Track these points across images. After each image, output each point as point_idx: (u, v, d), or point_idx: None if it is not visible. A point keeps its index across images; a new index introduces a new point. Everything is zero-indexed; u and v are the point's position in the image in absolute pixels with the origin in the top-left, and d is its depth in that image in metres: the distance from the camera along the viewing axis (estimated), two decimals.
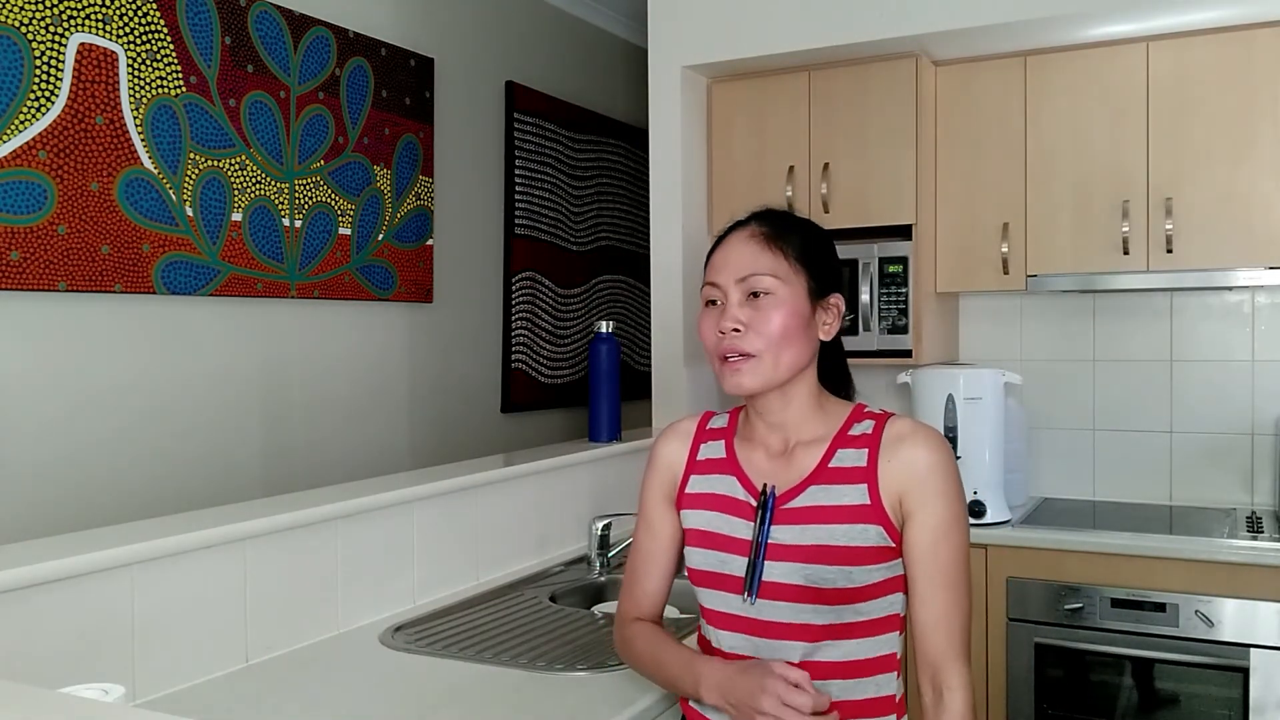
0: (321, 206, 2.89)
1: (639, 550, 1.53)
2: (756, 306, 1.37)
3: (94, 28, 2.29)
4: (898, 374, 2.98)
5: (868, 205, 2.92)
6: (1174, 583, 2.43)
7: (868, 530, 1.33)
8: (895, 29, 2.77)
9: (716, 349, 1.39)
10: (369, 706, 1.50)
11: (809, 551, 1.33)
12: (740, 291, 1.37)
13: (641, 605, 1.51)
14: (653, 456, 1.53)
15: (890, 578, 1.35)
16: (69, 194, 2.25)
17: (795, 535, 1.34)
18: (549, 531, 2.40)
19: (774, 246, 1.39)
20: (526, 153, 3.75)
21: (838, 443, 1.39)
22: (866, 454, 1.36)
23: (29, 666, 1.35)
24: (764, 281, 1.37)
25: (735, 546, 1.38)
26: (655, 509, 1.51)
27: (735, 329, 1.36)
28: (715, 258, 1.42)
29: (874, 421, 1.40)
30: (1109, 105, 2.77)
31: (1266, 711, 2.34)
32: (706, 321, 1.41)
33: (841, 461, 1.37)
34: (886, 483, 1.34)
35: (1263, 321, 2.88)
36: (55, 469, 2.27)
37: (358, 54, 3.01)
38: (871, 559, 1.32)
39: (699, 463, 1.48)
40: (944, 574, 1.32)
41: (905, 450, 1.35)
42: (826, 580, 1.32)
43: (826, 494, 1.35)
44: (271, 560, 1.71)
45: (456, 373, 3.48)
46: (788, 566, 1.33)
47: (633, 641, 1.48)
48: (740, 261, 1.38)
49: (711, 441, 1.49)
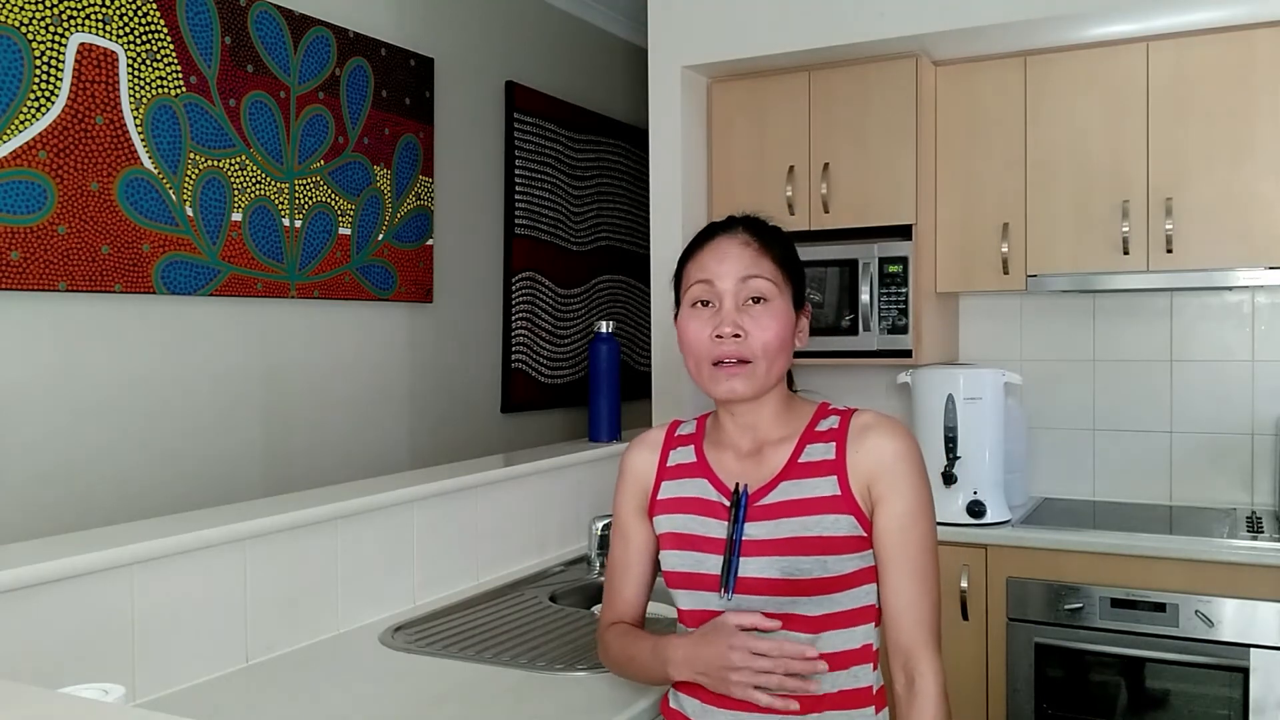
0: (321, 206, 2.89)
1: (614, 560, 1.53)
2: (754, 314, 1.37)
3: (94, 28, 2.30)
4: (898, 374, 2.98)
5: (868, 205, 2.92)
6: (1174, 583, 2.43)
7: (840, 520, 1.34)
8: (895, 29, 2.77)
9: (711, 353, 1.38)
10: (369, 706, 1.50)
11: (784, 544, 1.34)
12: (738, 296, 1.38)
13: (621, 614, 1.52)
14: (622, 468, 1.54)
15: (864, 568, 1.36)
16: (69, 194, 2.25)
17: (769, 530, 1.35)
18: (549, 531, 2.40)
19: (767, 254, 1.40)
20: (526, 153, 3.75)
21: (806, 438, 1.41)
22: (834, 446, 1.38)
23: (29, 666, 1.35)
24: (765, 287, 1.38)
25: (710, 546, 1.38)
26: (628, 519, 1.52)
27: (736, 334, 1.36)
28: (706, 259, 1.41)
29: (839, 417, 1.42)
30: (1109, 105, 2.77)
31: (1266, 711, 2.34)
32: (695, 323, 1.40)
33: (811, 456, 1.39)
34: (855, 473, 1.36)
35: (1263, 321, 2.88)
36: (55, 469, 2.27)
37: (358, 54, 3.01)
38: (845, 548, 1.34)
39: (669, 469, 1.48)
40: (912, 561, 1.34)
41: (871, 440, 1.37)
42: (802, 571, 1.32)
43: (798, 488, 1.37)
44: (271, 560, 1.71)
45: (456, 373, 3.48)
46: (763, 561, 1.34)
47: (609, 646, 1.49)
48: (740, 265, 1.38)
49: (680, 447, 1.50)
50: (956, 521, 2.67)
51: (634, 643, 1.45)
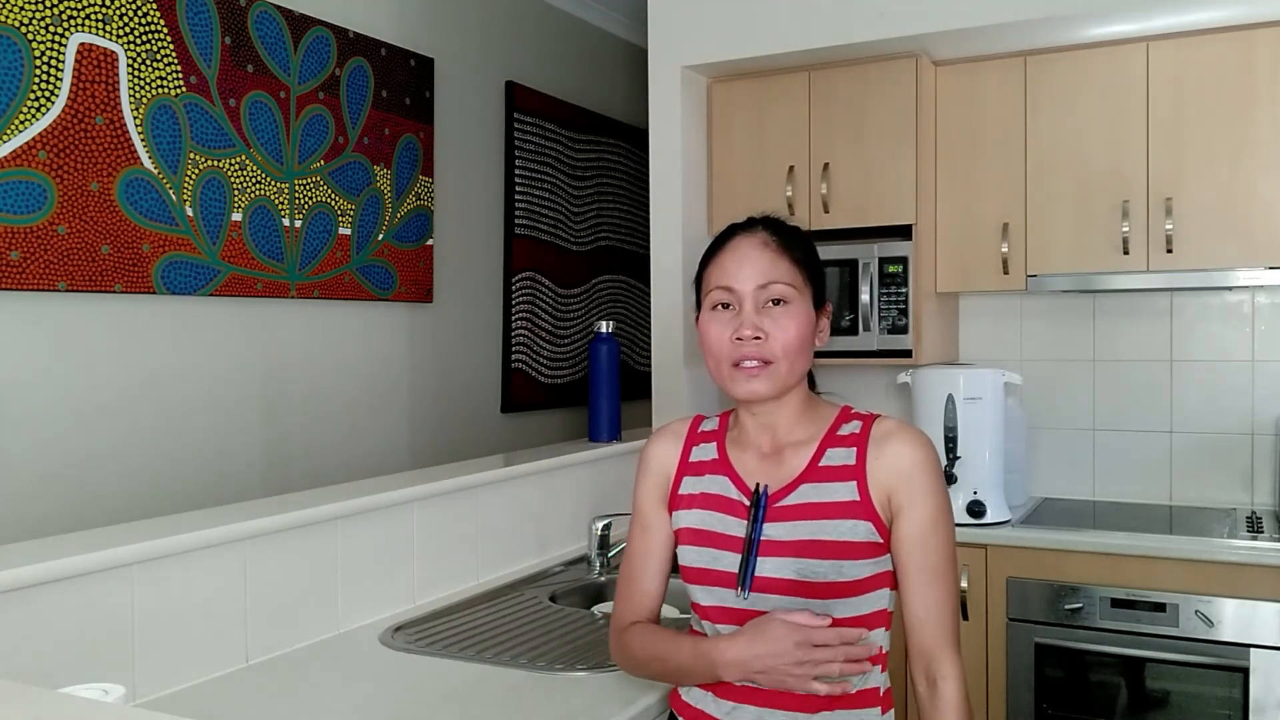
0: (321, 206, 2.89)
1: (634, 552, 1.53)
2: (774, 315, 1.39)
3: (94, 28, 2.29)
4: (898, 374, 2.98)
5: (868, 205, 2.92)
6: (1174, 583, 2.43)
7: (857, 526, 1.35)
8: (895, 29, 2.77)
9: (732, 355, 1.40)
10: (369, 706, 1.50)
11: (801, 546, 1.35)
12: (759, 299, 1.39)
13: (640, 607, 1.52)
14: (645, 459, 1.54)
15: (878, 574, 1.37)
16: (69, 194, 2.25)
17: (787, 531, 1.36)
18: (549, 531, 2.40)
19: (787, 255, 1.42)
20: (526, 153, 3.75)
21: (827, 442, 1.42)
22: (855, 452, 1.39)
23: (29, 666, 1.35)
24: (784, 290, 1.40)
25: (728, 544, 1.40)
26: (650, 510, 1.52)
27: (756, 336, 1.38)
28: (727, 261, 1.43)
29: (861, 422, 1.43)
30: (1109, 105, 2.77)
31: (1266, 711, 2.34)
32: (716, 325, 1.42)
33: (831, 460, 1.40)
34: (875, 480, 1.37)
35: (1263, 321, 2.88)
36: (55, 469, 2.27)
37: (358, 54, 3.01)
38: (861, 554, 1.35)
39: (691, 464, 1.49)
40: (934, 568, 1.36)
41: (892, 448, 1.38)
42: (818, 574, 1.34)
43: (817, 491, 1.38)
44: (271, 560, 1.71)
45: (456, 373, 3.48)
46: (780, 561, 1.35)
47: (630, 645, 1.48)
48: (758, 268, 1.40)
49: (703, 444, 1.51)
50: (956, 521, 2.66)
51: (664, 643, 1.44)
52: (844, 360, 2.93)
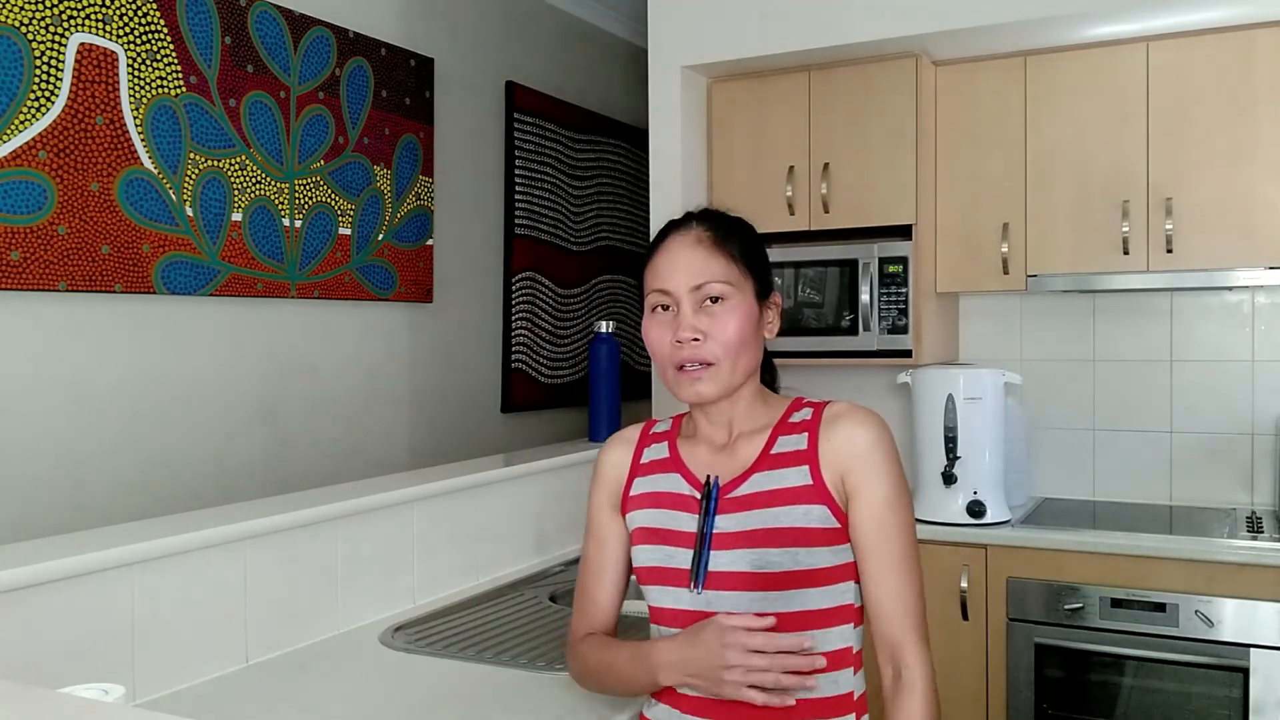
0: (321, 206, 2.89)
1: (588, 563, 1.49)
2: (712, 313, 1.36)
3: (94, 28, 2.29)
4: (898, 374, 2.98)
5: (868, 205, 2.92)
6: (1174, 583, 2.43)
7: (811, 511, 1.32)
8: (895, 29, 2.77)
9: (672, 358, 1.37)
10: (369, 706, 1.50)
11: (754, 536, 1.31)
12: (694, 299, 1.36)
13: (594, 619, 1.48)
14: (597, 467, 1.51)
15: (839, 564, 1.33)
16: (69, 194, 2.25)
17: (740, 522, 1.33)
18: (549, 531, 2.40)
19: (722, 250, 1.38)
20: (526, 153, 3.75)
21: (779, 430, 1.39)
22: (807, 437, 1.36)
23: (29, 666, 1.35)
24: (719, 288, 1.36)
25: (680, 540, 1.36)
26: (602, 518, 1.48)
27: (695, 338, 1.35)
28: (660, 263, 1.40)
29: (813, 408, 1.40)
30: (1109, 105, 2.77)
31: (1266, 711, 2.34)
32: (657, 328, 1.39)
33: (783, 447, 1.37)
34: (828, 462, 1.34)
35: (1263, 321, 2.88)
36: (55, 469, 2.27)
37: (358, 54, 3.01)
38: (817, 540, 1.31)
39: (642, 465, 1.47)
40: (892, 551, 1.31)
41: (844, 429, 1.35)
42: (773, 564, 1.30)
43: (769, 479, 1.35)
44: (271, 560, 1.71)
45: (456, 373, 3.48)
46: (734, 554, 1.32)
47: (585, 658, 1.44)
48: (691, 267, 1.37)
49: (655, 444, 1.48)
50: (956, 521, 2.67)
51: (612, 650, 1.41)
52: (844, 360, 2.93)
